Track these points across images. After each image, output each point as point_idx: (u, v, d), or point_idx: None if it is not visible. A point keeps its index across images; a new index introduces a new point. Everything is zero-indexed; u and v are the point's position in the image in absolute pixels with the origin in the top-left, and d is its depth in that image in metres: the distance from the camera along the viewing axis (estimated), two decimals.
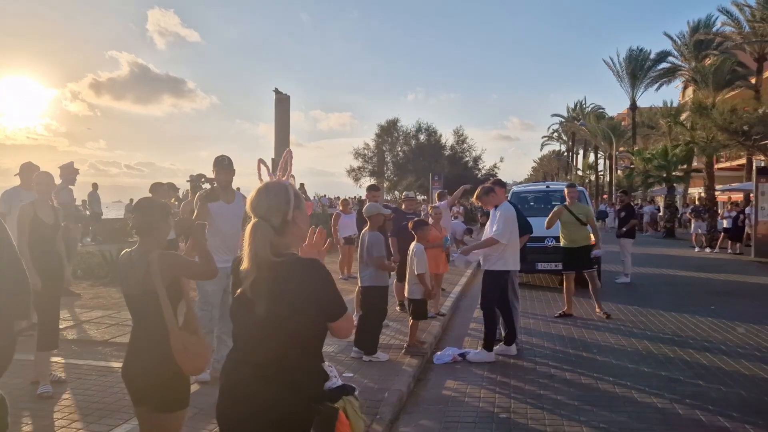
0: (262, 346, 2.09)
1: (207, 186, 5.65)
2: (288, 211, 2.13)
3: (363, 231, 6.35)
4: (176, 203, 11.57)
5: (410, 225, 6.81)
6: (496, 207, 6.46)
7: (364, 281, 6.13)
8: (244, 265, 2.09)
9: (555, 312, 8.81)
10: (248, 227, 2.11)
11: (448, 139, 44.37)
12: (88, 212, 21.43)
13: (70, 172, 8.43)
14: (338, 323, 2.14)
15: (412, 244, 6.50)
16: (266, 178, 2.27)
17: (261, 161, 2.30)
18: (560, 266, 10.74)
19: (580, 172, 57.87)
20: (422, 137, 43.81)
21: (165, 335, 2.72)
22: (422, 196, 35.81)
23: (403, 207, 9.01)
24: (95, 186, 18.63)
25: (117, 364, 5.57)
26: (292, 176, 2.34)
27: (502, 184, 6.96)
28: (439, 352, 6.44)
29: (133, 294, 2.82)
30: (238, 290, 2.13)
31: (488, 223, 6.47)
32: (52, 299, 4.92)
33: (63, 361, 5.67)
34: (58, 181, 7.25)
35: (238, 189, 5.96)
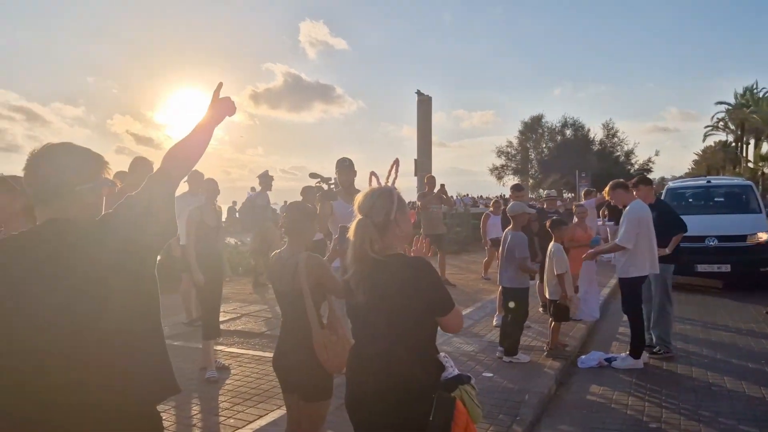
0: (372, 340, 2.24)
1: (328, 186, 5.86)
2: (391, 211, 2.27)
3: (506, 230, 6.30)
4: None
5: (548, 224, 6.64)
6: (625, 206, 6.06)
7: (505, 282, 6.07)
8: (348, 258, 2.26)
9: (714, 317, 8.11)
10: (353, 224, 2.28)
11: (596, 133, 42.33)
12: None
13: (266, 178, 9.44)
14: (446, 318, 2.24)
15: (551, 244, 6.35)
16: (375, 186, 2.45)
17: (372, 173, 2.50)
18: (725, 268, 9.89)
19: (751, 165, 52.42)
20: (568, 133, 42.16)
21: (309, 332, 2.93)
22: (569, 194, 34.44)
23: (545, 206, 8.84)
24: (253, 189, 20.06)
25: (272, 354, 6.03)
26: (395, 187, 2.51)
27: (646, 182, 6.53)
28: (584, 356, 6.21)
29: (282, 291, 3.07)
30: (345, 279, 2.31)
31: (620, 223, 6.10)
32: (214, 293, 5.46)
33: (226, 349, 6.24)
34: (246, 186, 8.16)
35: None
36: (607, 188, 6.32)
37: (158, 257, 1.88)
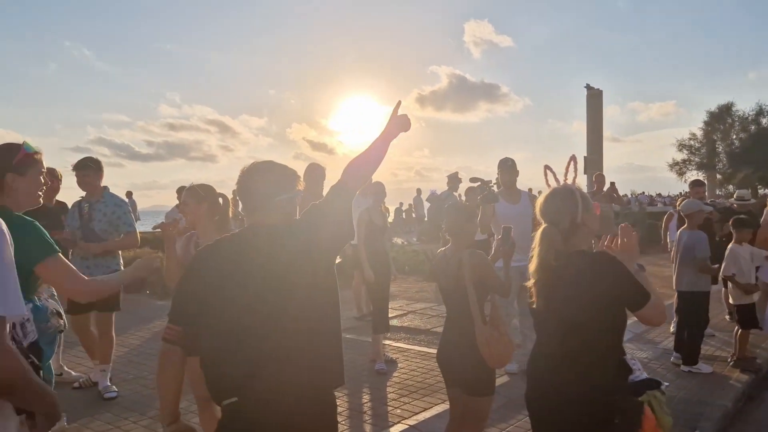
0: (558, 340, 2.23)
1: (488, 188, 5.84)
2: (577, 214, 2.22)
3: (680, 230, 5.88)
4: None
5: (731, 222, 6.07)
6: None
7: (681, 285, 5.65)
8: (532, 266, 2.28)
9: None
10: (538, 232, 2.28)
11: None
12: (414, 215, 23.85)
13: (455, 180, 9.83)
14: (643, 312, 2.14)
15: (730, 244, 5.81)
16: (553, 183, 2.39)
17: (547, 167, 2.43)
18: None
19: None
20: (764, 122, 37.53)
21: (472, 327, 3.02)
22: (766, 190, 30.74)
23: (734, 206, 8.07)
24: (419, 191, 20.58)
25: (436, 350, 6.22)
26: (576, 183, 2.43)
27: None
28: None
29: (446, 287, 3.21)
30: (529, 285, 2.33)
31: None
32: (383, 290, 5.77)
33: (394, 344, 6.54)
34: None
35: (529, 190, 6.04)
36: None
37: (338, 258, 2.12)
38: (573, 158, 2.45)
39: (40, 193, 2.36)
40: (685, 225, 5.76)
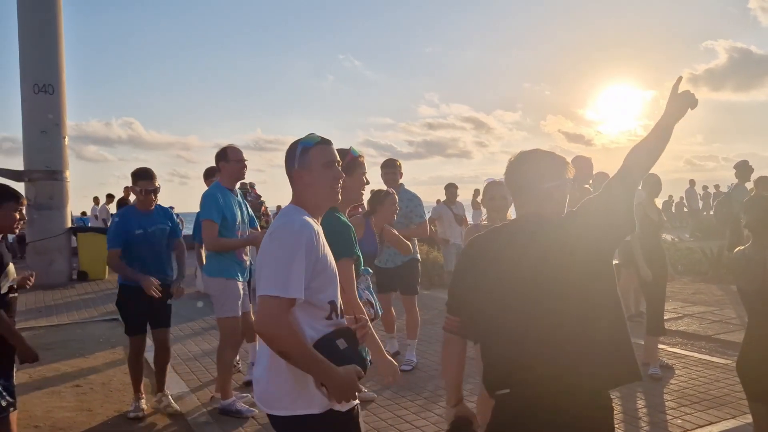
0: None
1: None
2: None
3: None
4: None
5: None
6: None
7: None
8: None
9: None
10: None
11: None
12: (686, 209, 21.62)
13: (744, 169, 8.54)
14: None
15: None
16: None
17: None
18: None
19: None
20: None
21: None
22: None
23: None
24: (692, 182, 18.63)
25: (720, 360, 5.60)
26: None
27: None
28: None
29: (747, 290, 2.89)
30: None
31: None
32: (659, 289, 5.37)
33: (669, 349, 6.06)
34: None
35: None
36: None
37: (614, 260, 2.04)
38: None
39: (362, 191, 2.80)
40: None
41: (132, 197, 5.88)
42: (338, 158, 2.12)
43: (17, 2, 11.82)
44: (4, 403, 2.87)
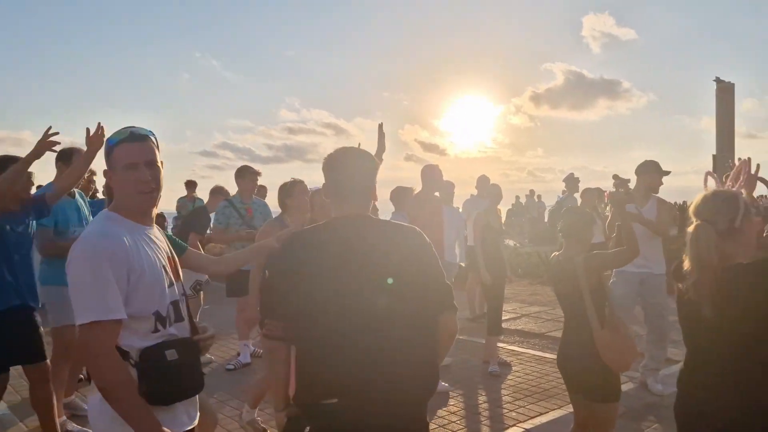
0: (710, 351, 2.08)
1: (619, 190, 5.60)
2: (736, 217, 2.04)
3: None
4: (604, 206, 11.74)
5: None
6: None
7: None
8: (686, 265, 2.07)
9: None
10: (690, 230, 2.08)
11: None
12: (527, 216, 23.31)
13: (572, 181, 9.44)
14: None
15: None
16: (713, 187, 2.24)
17: (709, 173, 2.29)
18: None
19: None
20: None
21: (591, 332, 2.95)
22: None
23: None
24: (532, 192, 20.15)
25: (551, 355, 6.10)
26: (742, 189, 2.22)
27: None
28: None
29: (563, 293, 3.16)
30: (681, 291, 2.14)
31: None
32: (498, 292, 5.77)
33: (508, 347, 6.50)
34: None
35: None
36: None
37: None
38: (746, 162, 2.29)
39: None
40: None
41: None
42: (152, 157, 1.85)
43: None
44: None
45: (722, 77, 19.25)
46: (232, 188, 6.19)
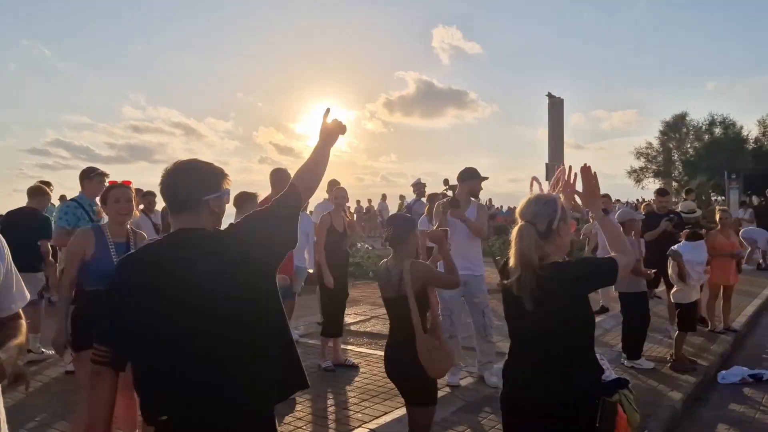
0: (533, 342, 2.27)
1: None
2: (554, 219, 2.24)
3: None
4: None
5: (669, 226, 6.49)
6: None
7: (621, 287, 6.01)
8: (511, 263, 2.25)
9: None
10: (514, 230, 2.28)
11: (750, 131, 38.51)
12: (379, 219, 23.90)
13: (420, 186, 9.86)
14: (621, 272, 2.23)
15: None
16: (537, 192, 2.43)
17: (534, 178, 2.49)
18: None
19: None
20: (717, 131, 38.77)
21: (414, 337, 3.03)
22: (719, 197, 31.73)
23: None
24: (384, 196, 20.62)
25: None
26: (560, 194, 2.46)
27: None
28: (725, 371, 5.85)
29: (389, 298, 3.21)
30: (507, 285, 2.29)
31: None
32: (339, 294, 5.85)
33: (356, 349, 6.58)
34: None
35: (489, 200, 6.16)
36: None
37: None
38: (562, 170, 2.51)
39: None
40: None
41: None
42: None
43: None
44: None
45: (554, 93, 21.06)
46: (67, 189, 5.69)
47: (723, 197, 26.68)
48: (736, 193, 22.96)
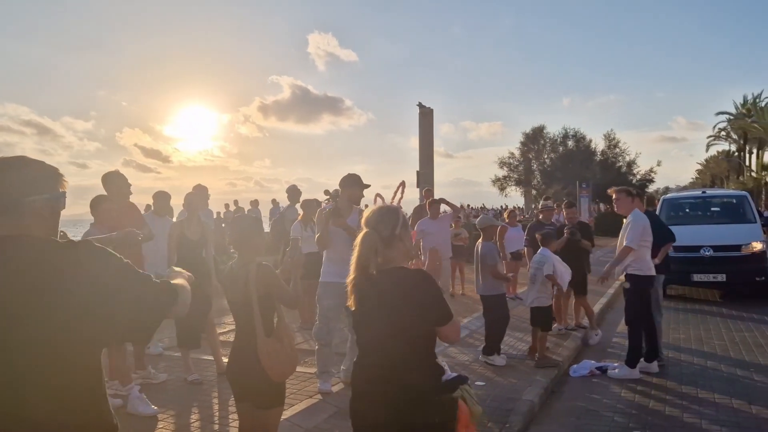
0: (378, 348, 2.35)
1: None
2: (396, 226, 2.41)
3: (477, 242, 6.55)
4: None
5: (539, 237, 6.94)
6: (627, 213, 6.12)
7: (482, 290, 6.34)
8: (352, 268, 2.37)
9: (708, 326, 8.23)
10: (359, 236, 2.39)
11: (597, 144, 42.34)
12: None
13: (295, 192, 9.51)
14: (445, 329, 2.35)
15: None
16: (380, 203, 2.57)
17: (378, 195, 2.63)
18: (720, 278, 10.05)
19: (754, 174, 52.30)
20: (570, 144, 42.23)
21: (257, 341, 3.00)
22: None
23: (541, 217, 8.83)
24: (253, 203, 20.15)
25: None
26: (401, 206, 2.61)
27: (641, 195, 6.81)
28: (575, 365, 6.33)
29: (234, 300, 3.15)
30: (351, 298, 2.41)
31: (621, 233, 6.13)
32: (200, 303, 5.60)
33: (227, 359, 6.36)
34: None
35: (366, 206, 6.22)
36: (612, 191, 6.22)
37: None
38: (402, 184, 2.70)
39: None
40: (481, 237, 6.44)
41: None
42: None
43: None
44: None
45: (424, 103, 21.71)
46: None
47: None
48: (587, 200, 25.16)
